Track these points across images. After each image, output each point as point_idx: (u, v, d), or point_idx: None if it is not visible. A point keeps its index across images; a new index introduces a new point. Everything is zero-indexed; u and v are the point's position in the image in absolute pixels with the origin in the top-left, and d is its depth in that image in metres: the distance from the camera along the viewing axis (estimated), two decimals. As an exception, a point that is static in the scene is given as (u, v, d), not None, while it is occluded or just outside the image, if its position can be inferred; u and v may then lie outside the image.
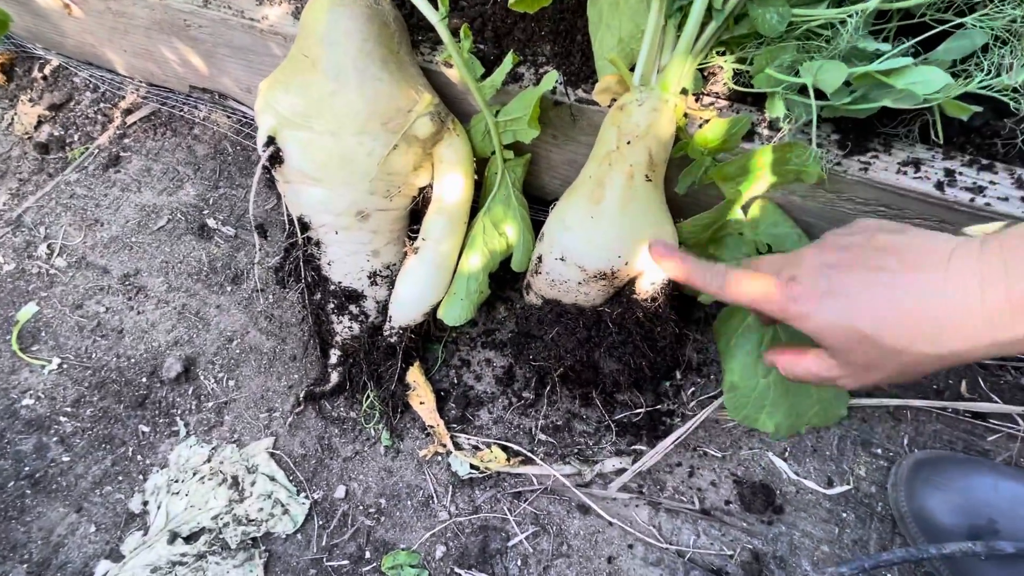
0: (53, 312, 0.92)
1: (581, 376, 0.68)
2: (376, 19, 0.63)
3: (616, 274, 0.62)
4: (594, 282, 0.62)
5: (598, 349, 0.65)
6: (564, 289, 0.65)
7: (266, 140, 0.66)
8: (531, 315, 0.69)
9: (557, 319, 0.66)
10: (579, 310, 0.65)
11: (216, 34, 0.89)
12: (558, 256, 0.63)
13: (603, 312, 0.64)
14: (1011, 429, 0.67)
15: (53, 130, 1.17)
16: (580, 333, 0.65)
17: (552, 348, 0.66)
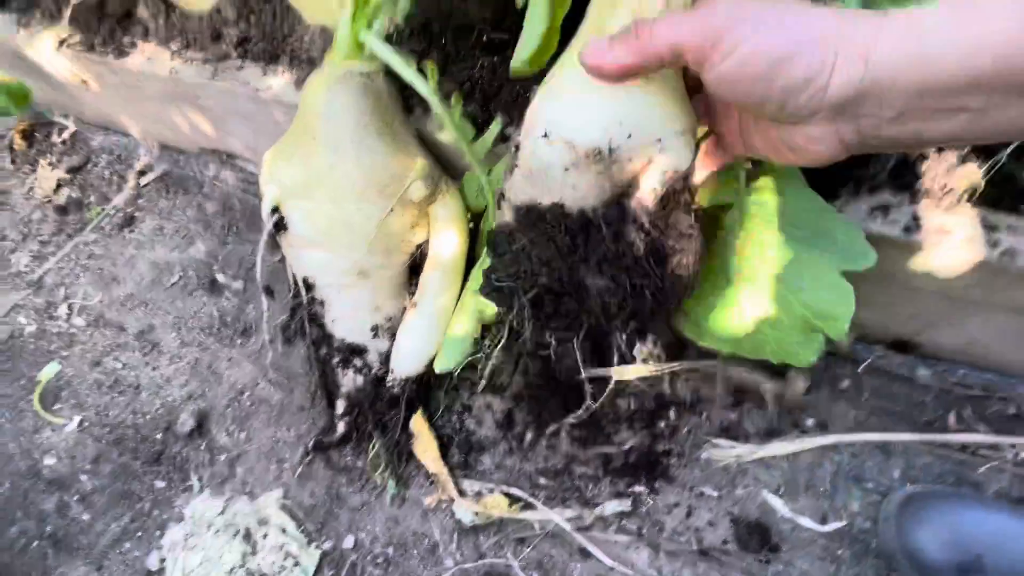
0: (74, 370, 0.97)
1: (560, 305, 0.52)
2: (371, 94, 0.68)
3: (615, 154, 0.45)
4: (585, 167, 0.46)
5: (585, 264, 0.49)
6: (545, 180, 0.48)
7: (271, 209, 0.71)
8: (501, 232, 0.53)
9: (532, 225, 0.49)
10: (562, 213, 0.48)
11: (224, 103, 0.95)
12: (540, 133, 0.47)
13: (595, 212, 0.48)
14: (1001, 459, 0.69)
15: (71, 192, 1.24)
16: (561, 240, 0.48)
17: (523, 261, 0.50)
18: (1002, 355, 0.71)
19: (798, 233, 0.55)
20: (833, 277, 0.52)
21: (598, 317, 0.52)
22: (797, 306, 0.54)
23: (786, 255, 0.55)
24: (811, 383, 0.77)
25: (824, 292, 0.53)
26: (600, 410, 0.79)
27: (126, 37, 1.00)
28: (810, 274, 0.54)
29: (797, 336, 0.56)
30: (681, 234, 0.50)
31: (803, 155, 0.42)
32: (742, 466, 0.73)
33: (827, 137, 0.39)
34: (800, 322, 0.55)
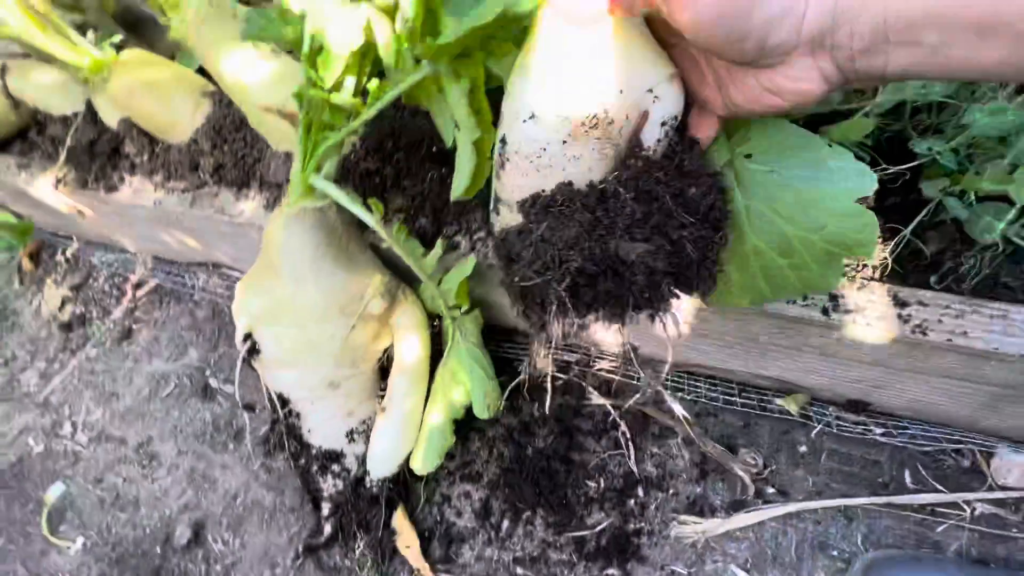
0: (78, 489, 1.02)
1: (599, 284, 0.47)
2: (325, 227, 0.75)
3: (610, 114, 0.44)
4: (584, 137, 0.44)
5: (612, 233, 0.46)
6: (545, 165, 0.46)
7: (244, 336, 0.77)
8: (507, 238, 0.50)
9: (545, 212, 0.47)
10: (572, 191, 0.47)
11: (204, 226, 1.03)
12: (526, 117, 0.45)
13: (607, 182, 0.47)
14: (959, 517, 0.70)
15: (75, 308, 1.32)
16: (581, 216, 0.46)
17: (547, 250, 0.46)
18: (947, 412, 0.73)
19: (798, 173, 0.51)
20: (850, 207, 0.49)
21: (642, 287, 0.47)
22: (820, 243, 0.51)
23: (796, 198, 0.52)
24: (770, 450, 0.80)
25: (847, 221, 0.49)
26: (572, 492, 0.82)
27: (115, 172, 1.09)
28: (826, 209, 0.50)
29: (819, 267, 0.53)
30: (699, 175, 0.48)
31: (789, 96, 0.42)
32: (710, 541, 0.75)
33: (809, 73, 0.40)
34: (824, 255, 0.51)
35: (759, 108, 0.45)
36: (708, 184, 0.48)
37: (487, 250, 0.80)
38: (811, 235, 0.50)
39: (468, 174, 0.65)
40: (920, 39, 0.36)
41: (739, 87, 0.45)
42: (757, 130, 0.54)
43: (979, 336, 0.60)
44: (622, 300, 0.49)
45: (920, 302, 0.63)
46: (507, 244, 0.50)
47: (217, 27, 0.87)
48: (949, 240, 0.66)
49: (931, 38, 0.36)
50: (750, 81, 0.43)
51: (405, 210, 0.88)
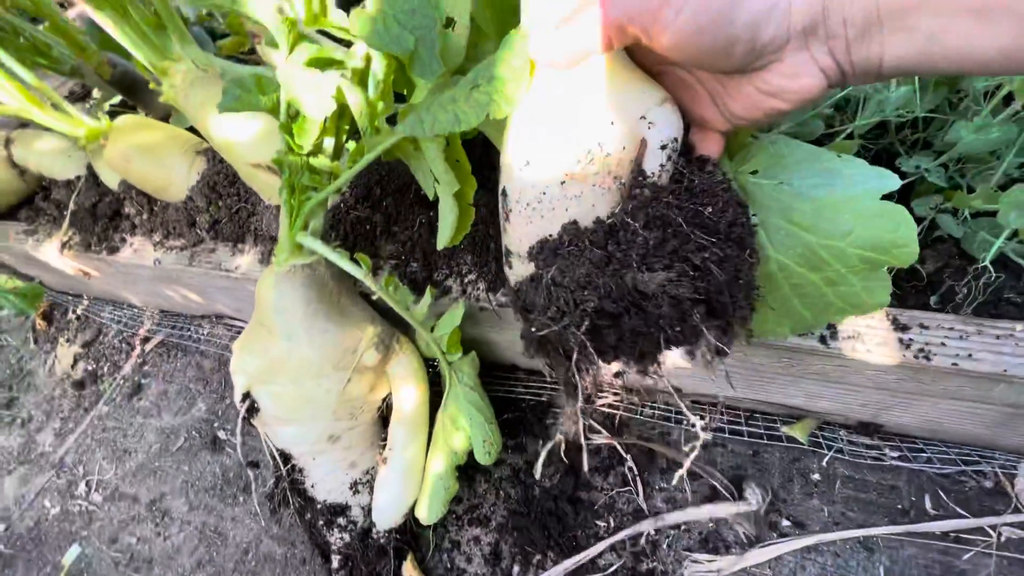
0: (93, 551, 1.02)
1: (622, 323, 0.44)
2: (315, 283, 0.75)
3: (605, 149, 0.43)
4: (582, 175, 0.43)
5: (627, 266, 0.43)
6: (547, 208, 0.45)
7: (241, 397, 0.77)
8: (521, 289, 0.48)
9: (553, 255, 0.45)
10: (578, 229, 0.45)
11: (203, 281, 1.05)
12: (522, 165, 0.45)
13: (614, 215, 0.44)
14: (985, 543, 0.67)
15: (87, 365, 1.34)
16: (591, 254, 0.43)
17: (558, 294, 0.44)
18: (963, 431, 0.71)
19: (811, 182, 0.48)
20: (877, 205, 0.45)
21: (670, 320, 0.43)
22: (851, 250, 0.46)
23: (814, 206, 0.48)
24: (781, 479, 0.78)
25: (875, 222, 0.45)
26: (582, 533, 0.80)
27: (116, 234, 1.12)
28: (850, 213, 0.46)
29: (860, 281, 0.48)
30: (712, 192, 0.45)
31: (788, 96, 0.40)
32: (726, 580, 0.73)
33: (805, 67, 0.38)
34: (860, 264, 0.47)
35: (761, 115, 0.43)
36: (724, 200, 0.45)
37: (478, 292, 0.79)
38: (838, 242, 0.46)
39: (451, 225, 0.66)
40: (915, 25, 0.35)
41: (737, 97, 0.43)
42: (758, 148, 0.52)
43: (986, 358, 0.58)
44: (651, 338, 0.44)
45: (921, 325, 0.61)
46: (521, 295, 0.48)
47: (204, 90, 0.89)
48: (947, 258, 0.64)
49: (926, 23, 0.34)
50: (747, 89, 0.42)
51: (396, 256, 0.88)
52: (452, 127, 0.49)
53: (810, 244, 0.48)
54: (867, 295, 0.48)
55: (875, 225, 0.45)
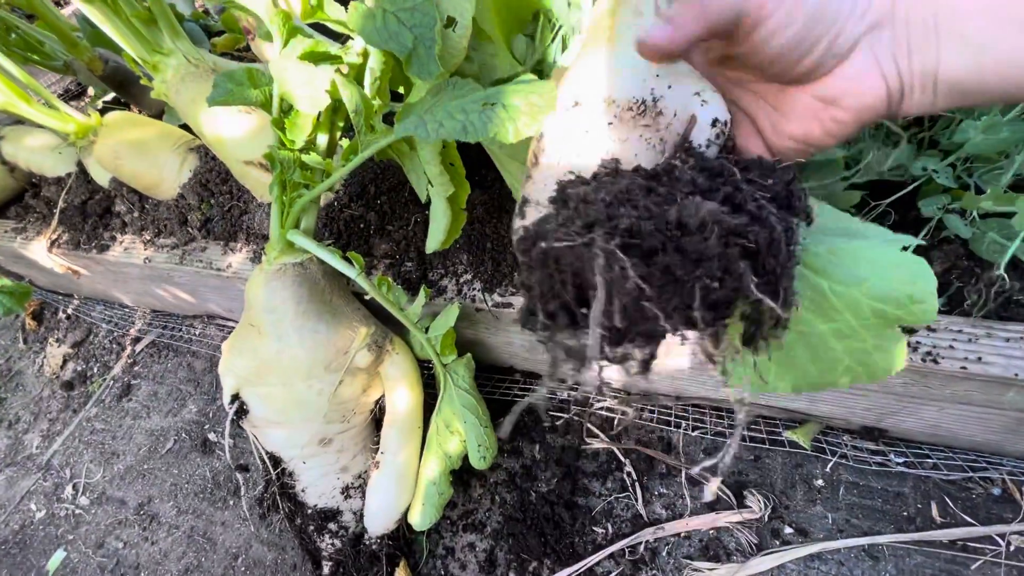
0: (79, 556, 1.00)
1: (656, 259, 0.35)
2: (306, 282, 0.73)
3: (659, 104, 0.42)
4: (631, 120, 0.41)
5: (671, 201, 0.37)
6: (587, 146, 0.42)
7: (231, 398, 0.75)
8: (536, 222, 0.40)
9: (586, 181, 0.41)
10: (618, 167, 0.42)
11: (194, 281, 1.03)
12: (569, 105, 0.43)
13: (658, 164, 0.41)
14: (994, 551, 0.65)
15: (76, 366, 1.32)
16: (633, 180, 0.39)
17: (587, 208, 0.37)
18: (971, 437, 0.69)
19: (831, 228, 0.47)
20: (896, 255, 0.42)
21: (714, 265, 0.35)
22: (865, 301, 0.43)
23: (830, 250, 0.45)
24: (784, 485, 0.76)
25: (892, 272, 0.42)
26: (579, 540, 0.78)
27: (107, 232, 1.10)
28: (867, 261, 0.43)
29: (873, 339, 0.44)
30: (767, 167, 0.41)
31: (850, 102, 0.39)
32: (727, 588, 0.71)
33: (870, 70, 0.38)
34: (873, 318, 0.43)
35: (819, 130, 0.41)
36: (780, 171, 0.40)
37: (474, 292, 0.78)
38: (851, 289, 0.42)
39: (443, 229, 0.64)
40: (969, 32, 0.35)
41: (792, 114, 0.42)
42: None
43: (996, 362, 0.56)
44: (686, 288, 0.36)
45: (929, 327, 0.59)
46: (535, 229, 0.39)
47: (195, 85, 0.88)
48: (954, 259, 0.63)
49: (979, 32, 0.35)
50: (804, 100, 0.41)
51: (390, 255, 0.86)
52: (460, 135, 0.47)
53: (821, 288, 0.44)
54: (879, 356, 0.44)
55: (892, 276, 0.41)
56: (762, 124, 0.45)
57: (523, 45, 0.66)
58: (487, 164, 0.85)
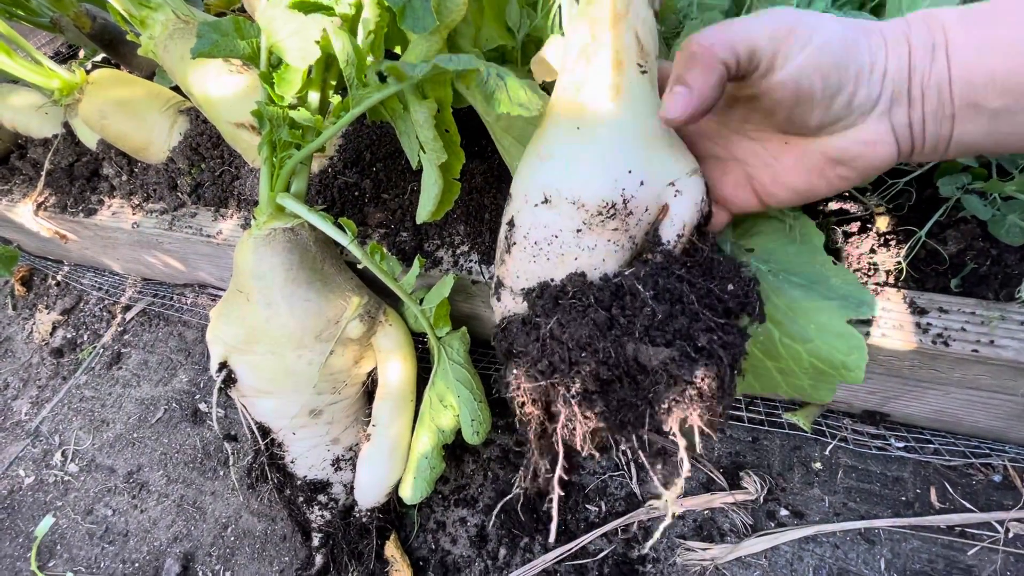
0: (67, 521, 0.99)
1: (612, 392, 0.42)
2: (297, 248, 0.71)
3: (631, 204, 0.42)
4: (600, 226, 0.42)
5: (631, 335, 0.41)
6: (556, 252, 0.43)
7: (218, 367, 0.73)
8: (509, 328, 0.45)
9: (554, 304, 0.43)
10: (584, 283, 0.43)
11: (184, 247, 1.00)
12: (538, 200, 0.43)
13: (622, 276, 0.42)
14: (992, 538, 0.64)
15: (66, 333, 1.30)
16: (596, 314, 0.41)
17: (554, 349, 0.41)
18: (974, 423, 0.67)
19: (795, 279, 0.51)
20: (840, 326, 0.47)
21: (664, 398, 0.41)
22: (806, 356, 0.49)
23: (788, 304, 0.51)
24: (781, 467, 0.75)
25: (833, 341, 0.47)
26: (572, 517, 0.77)
27: (94, 195, 1.07)
28: (815, 323, 0.48)
29: (808, 380, 0.51)
30: (723, 276, 0.43)
31: (859, 164, 0.40)
32: (720, 568, 0.70)
33: (884, 135, 0.39)
34: (811, 369, 0.50)
35: (824, 185, 0.43)
36: (734, 283, 0.43)
37: (471, 264, 0.75)
38: (797, 345, 0.49)
39: (434, 198, 0.61)
40: (982, 102, 0.36)
41: (796, 168, 0.42)
42: (766, 226, 0.53)
43: (1009, 345, 0.54)
44: (638, 411, 0.44)
45: (941, 309, 0.57)
46: (508, 335, 0.45)
47: (184, 43, 0.84)
48: (970, 239, 0.60)
49: (993, 103, 0.35)
50: (812, 158, 0.41)
51: (385, 224, 0.83)
52: (444, 63, 0.46)
53: (772, 337, 0.49)
54: (812, 391, 0.50)
55: (833, 344, 0.47)
56: (757, 173, 0.45)
57: (516, 13, 0.62)
58: (485, 135, 0.81)
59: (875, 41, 0.37)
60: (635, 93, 0.43)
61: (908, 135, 0.39)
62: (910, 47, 0.37)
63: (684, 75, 0.39)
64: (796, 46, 0.37)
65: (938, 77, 0.36)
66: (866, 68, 0.37)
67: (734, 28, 0.38)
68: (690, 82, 0.38)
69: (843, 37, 0.37)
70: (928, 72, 0.36)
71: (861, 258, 0.62)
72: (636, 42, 0.44)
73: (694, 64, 0.38)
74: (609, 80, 0.43)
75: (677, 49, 0.46)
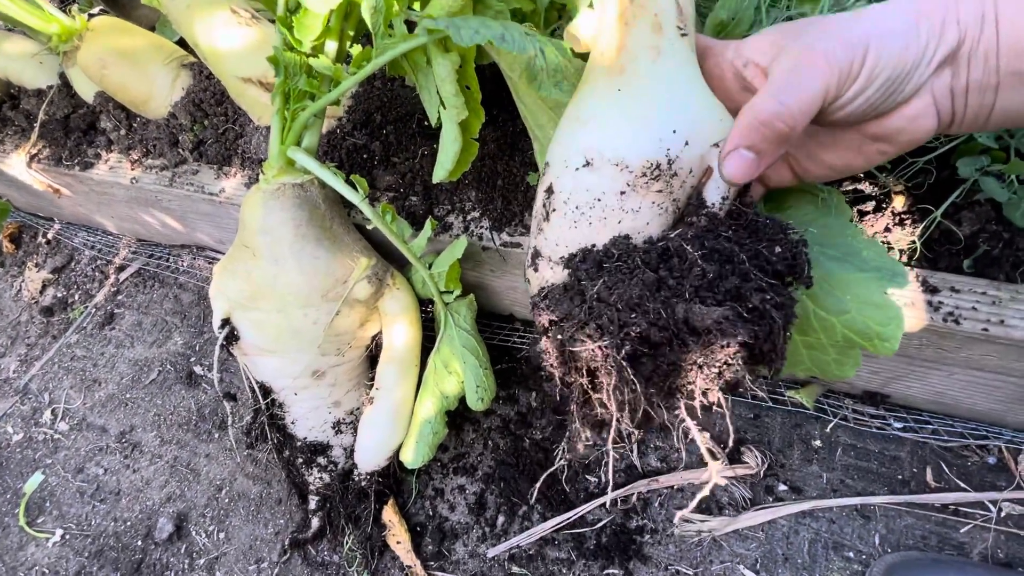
0: (57, 479, 0.98)
1: (662, 355, 0.41)
2: (306, 204, 0.69)
3: (675, 166, 0.41)
4: (644, 187, 0.41)
5: (680, 296, 0.40)
6: (598, 216, 0.42)
7: (221, 322, 0.72)
8: (551, 295, 0.44)
9: (598, 268, 0.42)
10: (629, 246, 0.42)
11: (184, 205, 0.98)
12: (579, 163, 0.42)
13: (668, 239, 0.41)
14: (985, 517, 0.66)
15: (56, 292, 1.27)
16: (643, 275, 0.40)
17: (602, 310, 0.40)
18: (973, 406, 0.69)
19: (829, 252, 0.50)
20: (880, 297, 0.47)
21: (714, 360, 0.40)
22: (840, 328, 0.48)
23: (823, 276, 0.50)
24: (781, 444, 0.75)
25: (871, 312, 0.47)
26: (571, 487, 0.77)
27: (91, 149, 1.04)
28: (853, 295, 0.48)
29: (834, 355, 0.50)
30: (776, 233, 0.43)
31: (901, 139, 0.40)
32: (717, 540, 0.71)
33: (927, 108, 0.38)
34: (842, 341, 0.49)
35: (862, 161, 0.42)
36: (790, 242, 0.42)
37: (482, 230, 0.74)
38: (832, 317, 0.47)
39: (452, 156, 0.60)
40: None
41: (835, 147, 0.42)
42: (799, 199, 0.52)
43: (1020, 325, 0.55)
44: (687, 374, 0.41)
45: (953, 288, 0.58)
46: (550, 302, 0.43)
47: (192, -11, 0.81)
48: (984, 221, 0.60)
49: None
50: (851, 136, 0.41)
51: (394, 188, 0.82)
52: (499, 42, 0.45)
53: (807, 310, 0.48)
54: (836, 367, 0.50)
55: (870, 315, 0.46)
56: (794, 151, 0.45)
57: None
58: (499, 103, 0.80)
59: (933, 24, 0.36)
60: (676, 55, 0.42)
61: (949, 106, 0.38)
62: (958, 22, 0.36)
63: (757, 143, 0.39)
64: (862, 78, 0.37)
65: (985, 46, 0.36)
66: (924, 59, 0.36)
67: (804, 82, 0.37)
68: (760, 149, 0.39)
69: (904, 39, 0.36)
70: (977, 42, 0.36)
71: (876, 237, 0.62)
72: (675, 4, 0.43)
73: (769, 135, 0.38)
74: (650, 41, 0.42)
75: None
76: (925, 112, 0.38)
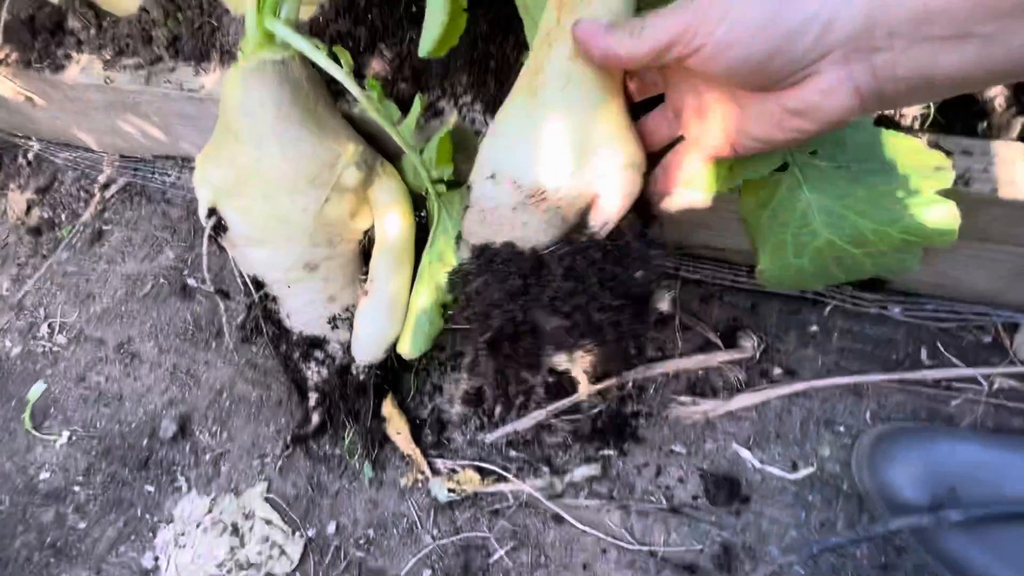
0: (59, 387, 0.99)
1: (518, 346, 0.53)
2: (288, 83, 0.66)
3: (560, 192, 0.46)
4: (533, 206, 0.46)
5: (536, 303, 0.48)
6: (496, 221, 0.49)
7: (207, 212, 0.70)
8: (456, 273, 0.53)
9: (486, 267, 0.50)
10: (514, 252, 0.49)
11: (164, 107, 0.94)
12: (488, 174, 0.48)
13: (545, 254, 0.48)
14: (975, 390, 0.67)
15: (42, 212, 1.24)
16: (512, 282, 0.48)
17: (474, 305, 0.50)
18: (973, 285, 0.68)
19: (868, 166, 0.50)
20: (928, 196, 0.48)
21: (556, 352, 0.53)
22: (896, 235, 0.50)
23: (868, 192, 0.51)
24: (778, 330, 0.76)
25: (924, 212, 0.49)
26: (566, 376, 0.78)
27: (60, 50, 0.98)
28: (901, 203, 0.49)
29: (896, 256, 0.52)
30: (640, 261, 0.49)
31: (815, 116, 0.38)
32: (711, 421, 0.72)
33: (841, 86, 0.36)
34: (901, 243, 0.51)
35: (781, 136, 0.41)
36: (649, 270, 0.49)
37: (474, 115, 0.71)
38: (886, 227, 0.49)
39: (439, 25, 0.56)
40: (971, 31, 0.31)
41: (757, 119, 0.42)
42: None
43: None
44: (536, 360, 0.55)
45: (965, 151, 0.56)
46: (454, 281, 0.53)
47: None
48: (1001, 81, 0.58)
49: (984, 28, 0.30)
50: (770, 107, 0.40)
51: (382, 76, 0.78)
52: None
53: (860, 228, 0.50)
54: (898, 264, 0.52)
55: (923, 214, 0.48)
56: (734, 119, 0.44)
57: None
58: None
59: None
60: (588, 83, 0.45)
61: (871, 81, 0.35)
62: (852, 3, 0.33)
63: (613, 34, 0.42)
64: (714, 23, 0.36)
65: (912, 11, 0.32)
66: (801, 25, 0.34)
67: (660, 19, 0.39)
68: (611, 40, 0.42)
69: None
70: (900, 4, 0.32)
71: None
72: None
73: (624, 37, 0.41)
74: (564, 68, 0.45)
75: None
76: (841, 89, 0.36)
